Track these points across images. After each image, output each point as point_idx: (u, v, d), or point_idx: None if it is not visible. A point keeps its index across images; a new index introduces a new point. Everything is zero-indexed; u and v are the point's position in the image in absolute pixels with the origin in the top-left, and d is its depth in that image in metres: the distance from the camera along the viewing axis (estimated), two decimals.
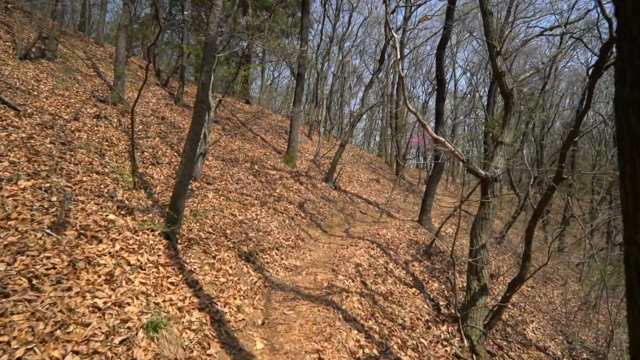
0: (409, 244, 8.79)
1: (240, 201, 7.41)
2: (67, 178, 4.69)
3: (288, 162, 11.95)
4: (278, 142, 14.35)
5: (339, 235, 8.43)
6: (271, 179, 9.95)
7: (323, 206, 9.99)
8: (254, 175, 9.57)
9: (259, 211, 7.39)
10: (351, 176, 14.52)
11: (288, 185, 10.09)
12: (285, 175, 10.83)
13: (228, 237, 5.29)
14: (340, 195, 11.59)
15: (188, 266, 3.88)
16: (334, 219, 9.71)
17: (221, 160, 9.45)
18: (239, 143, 11.83)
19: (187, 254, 4.15)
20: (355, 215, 10.78)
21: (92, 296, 2.57)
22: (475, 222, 5.59)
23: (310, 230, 8.08)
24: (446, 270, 8.29)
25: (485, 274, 5.32)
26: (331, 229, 8.95)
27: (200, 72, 4.40)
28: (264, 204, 7.94)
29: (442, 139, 5.85)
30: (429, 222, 10.87)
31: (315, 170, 12.96)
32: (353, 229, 9.27)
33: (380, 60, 11.92)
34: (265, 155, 11.84)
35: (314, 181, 11.54)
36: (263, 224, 6.87)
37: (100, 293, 2.64)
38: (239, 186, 8.27)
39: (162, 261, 3.66)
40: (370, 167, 18.60)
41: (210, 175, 8.09)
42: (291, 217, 8.11)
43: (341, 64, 22.06)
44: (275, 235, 6.72)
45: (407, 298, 5.69)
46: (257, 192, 8.48)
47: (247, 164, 10.06)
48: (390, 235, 8.77)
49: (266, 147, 12.84)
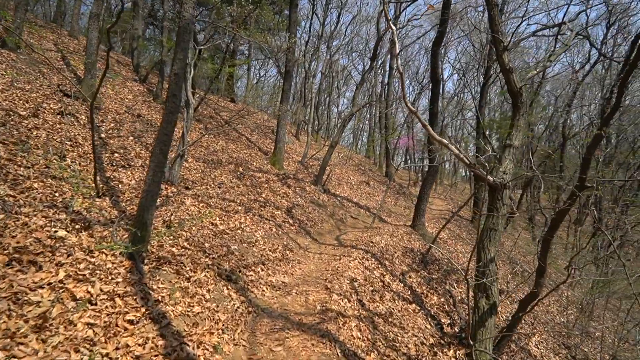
0: (404, 252, 8.27)
1: (222, 208, 6.72)
2: (12, 185, 3.93)
3: (275, 163, 11.28)
4: (264, 143, 13.65)
5: (330, 244, 7.83)
6: (257, 182, 9.28)
7: (312, 211, 9.38)
8: (238, 178, 8.88)
9: (243, 219, 6.72)
10: (341, 178, 13.95)
11: (275, 189, 9.43)
12: (272, 177, 10.17)
13: (207, 252, 4.62)
14: (330, 199, 11.00)
15: (155, 294, 3.21)
16: (324, 225, 9.11)
17: (202, 162, 8.72)
18: (223, 143, 11.10)
19: (154, 277, 3.47)
20: (346, 221, 10.21)
21: (7, 356, 1.88)
22: (482, 234, 5.08)
23: (299, 239, 7.46)
24: (444, 281, 7.80)
25: (495, 291, 4.82)
26: (321, 236, 8.35)
27: (173, 60, 3.72)
28: (249, 211, 7.26)
29: (444, 141, 5.33)
30: (423, 227, 10.40)
31: (304, 172, 12.33)
32: (344, 236, 8.69)
33: (372, 58, 11.40)
34: (250, 157, 11.15)
35: (303, 184, 10.92)
36: (247, 234, 6.21)
37: (21, 350, 1.95)
38: (221, 191, 7.57)
39: (120, 290, 2.97)
40: (360, 168, 18.09)
41: (189, 179, 7.36)
42: (278, 225, 7.46)
43: (329, 63, 21.49)
44: (261, 246, 6.07)
45: (408, 317, 5.13)
46: (242, 197, 7.80)
47: (230, 166, 9.36)
48: (384, 243, 8.23)
49: (252, 148, 12.14)
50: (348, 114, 11.07)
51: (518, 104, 5.42)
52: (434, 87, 10.38)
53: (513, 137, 5.38)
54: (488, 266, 4.78)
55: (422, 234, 10.22)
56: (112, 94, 9.79)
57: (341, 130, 11.37)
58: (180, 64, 3.68)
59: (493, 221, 5.01)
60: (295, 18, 11.19)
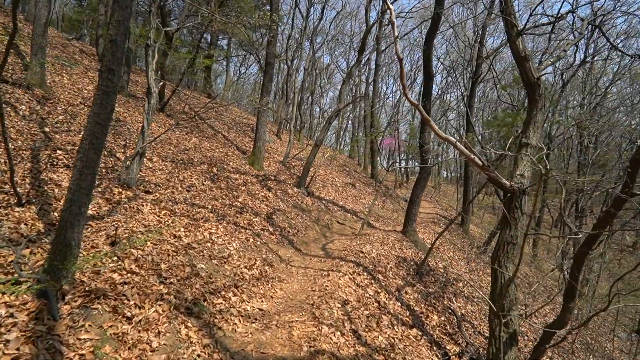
0: (397, 263, 7.47)
1: (190, 215, 5.70)
2: None
3: (254, 163, 10.29)
4: (243, 141, 12.61)
5: (315, 255, 6.93)
6: (233, 184, 8.27)
7: (295, 217, 8.45)
8: (212, 180, 7.86)
9: (215, 228, 5.72)
10: (325, 180, 13.08)
11: (254, 192, 8.45)
12: (251, 179, 9.17)
13: (162, 277, 3.62)
14: (315, 203, 10.10)
15: (70, 352, 2.21)
16: (309, 233, 8.20)
17: (170, 161, 7.65)
18: (196, 141, 10.02)
19: (76, 323, 2.47)
20: (332, 227, 9.34)
21: None
22: (498, 249, 4.32)
23: (280, 250, 6.52)
24: (441, 294, 7.05)
25: (515, 317, 4.05)
26: (306, 246, 7.43)
27: (110, 20, 2.73)
28: (222, 218, 6.27)
29: (452, 139, 4.55)
30: (414, 233, 9.66)
31: (286, 173, 11.38)
32: (331, 245, 7.81)
33: (360, 50, 10.59)
34: (227, 156, 10.11)
35: (285, 186, 9.97)
36: (219, 247, 5.22)
37: None
38: (190, 195, 6.54)
39: (11, 351, 1.97)
40: (344, 169, 17.27)
41: (152, 181, 6.30)
42: (257, 234, 6.50)
43: (313, 59, 20.60)
44: (235, 262, 5.10)
45: (411, 349, 4.30)
46: (214, 202, 6.79)
47: (203, 166, 8.32)
48: (376, 253, 7.41)
49: (228, 146, 11.09)
50: (334, 110, 10.24)
51: (535, 97, 4.69)
52: (427, 82, 9.68)
53: (530, 134, 4.66)
54: (507, 288, 4.00)
55: (413, 240, 9.48)
56: (67, 83, 8.55)
57: (326, 129, 10.51)
58: (118, 28, 2.68)
59: (511, 233, 4.25)
60: (277, 3, 10.25)
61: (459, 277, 8.43)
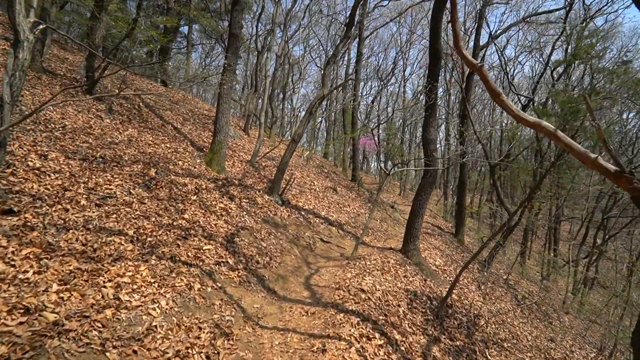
0: (409, 302, 5.43)
1: (85, 253, 3.30)
2: None
3: (212, 163, 7.88)
4: (201, 136, 10.11)
5: (298, 301, 4.70)
6: (179, 192, 5.87)
7: (267, 237, 6.18)
8: (146, 187, 5.42)
9: (132, 274, 3.36)
10: (302, 184, 10.85)
11: (209, 203, 6.09)
12: (207, 185, 6.79)
13: None
14: (292, 215, 7.86)
15: None
16: (286, 260, 5.96)
17: (81, 159, 5.14)
18: (133, 132, 7.47)
19: None
20: (315, 247, 7.14)
21: None
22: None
23: (245, 297, 4.24)
24: (471, 347, 5.08)
25: None
26: (283, 282, 5.19)
27: None
28: (151, 252, 3.90)
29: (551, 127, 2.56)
30: (417, 253, 7.69)
31: (254, 176, 9.05)
32: (318, 278, 5.63)
33: (348, 24, 8.50)
34: (176, 153, 7.64)
35: (252, 193, 7.66)
36: (131, 316, 2.88)
37: None
38: (99, 212, 4.10)
39: None
40: (322, 171, 15.12)
41: (28, 190, 3.81)
42: (208, 273, 4.19)
43: (286, 47, 18.31)
44: (159, 344, 2.79)
45: None
46: (143, 223, 4.39)
47: (136, 167, 5.85)
48: (381, 291, 5.32)
49: (180, 141, 8.58)
50: (317, 97, 8.11)
51: None
52: (434, 64, 7.74)
53: None
54: None
55: (417, 262, 7.51)
56: None
57: (307, 120, 8.32)
58: None
59: None
60: None
61: (479, 313, 6.54)
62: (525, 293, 10.43)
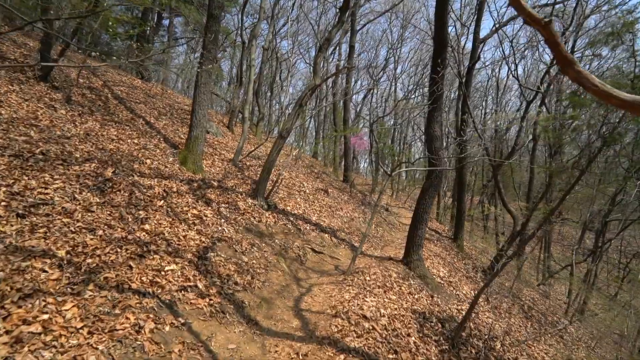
0: (419, 329, 4.54)
1: None
2: None
3: (187, 161, 6.85)
4: (178, 132, 9.03)
5: (286, 335, 3.75)
6: (143, 196, 4.85)
7: (249, 250, 5.20)
8: (99, 191, 4.39)
9: (51, 316, 2.35)
10: (291, 186, 9.87)
11: (179, 210, 5.08)
12: (179, 187, 5.77)
13: None
14: (279, 222, 6.89)
15: None
16: (272, 278, 4.99)
17: (13, 155, 4.07)
18: (93, 125, 6.40)
19: None
20: (305, 259, 6.19)
21: None
22: None
23: (218, 336, 3.26)
24: None
25: None
26: (268, 308, 4.22)
27: None
28: (88, 279, 2.89)
29: None
30: (421, 264, 6.83)
31: (236, 177, 8.04)
32: (311, 301, 4.69)
33: (343, 8, 7.60)
34: (144, 150, 6.58)
35: (234, 197, 6.66)
36: None
37: None
38: (19, 227, 3.07)
39: None
40: (312, 171, 14.15)
41: None
42: (167, 305, 3.20)
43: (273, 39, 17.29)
44: None
45: None
46: (84, 239, 3.36)
47: (89, 165, 4.80)
48: (387, 316, 4.41)
49: (151, 137, 7.51)
50: (308, 87, 7.20)
51: None
52: (440, 52, 6.90)
53: None
54: None
55: (420, 274, 6.64)
56: None
57: (296, 114, 7.37)
58: None
59: None
60: None
61: (494, 335, 5.71)
62: (529, 302, 9.72)
